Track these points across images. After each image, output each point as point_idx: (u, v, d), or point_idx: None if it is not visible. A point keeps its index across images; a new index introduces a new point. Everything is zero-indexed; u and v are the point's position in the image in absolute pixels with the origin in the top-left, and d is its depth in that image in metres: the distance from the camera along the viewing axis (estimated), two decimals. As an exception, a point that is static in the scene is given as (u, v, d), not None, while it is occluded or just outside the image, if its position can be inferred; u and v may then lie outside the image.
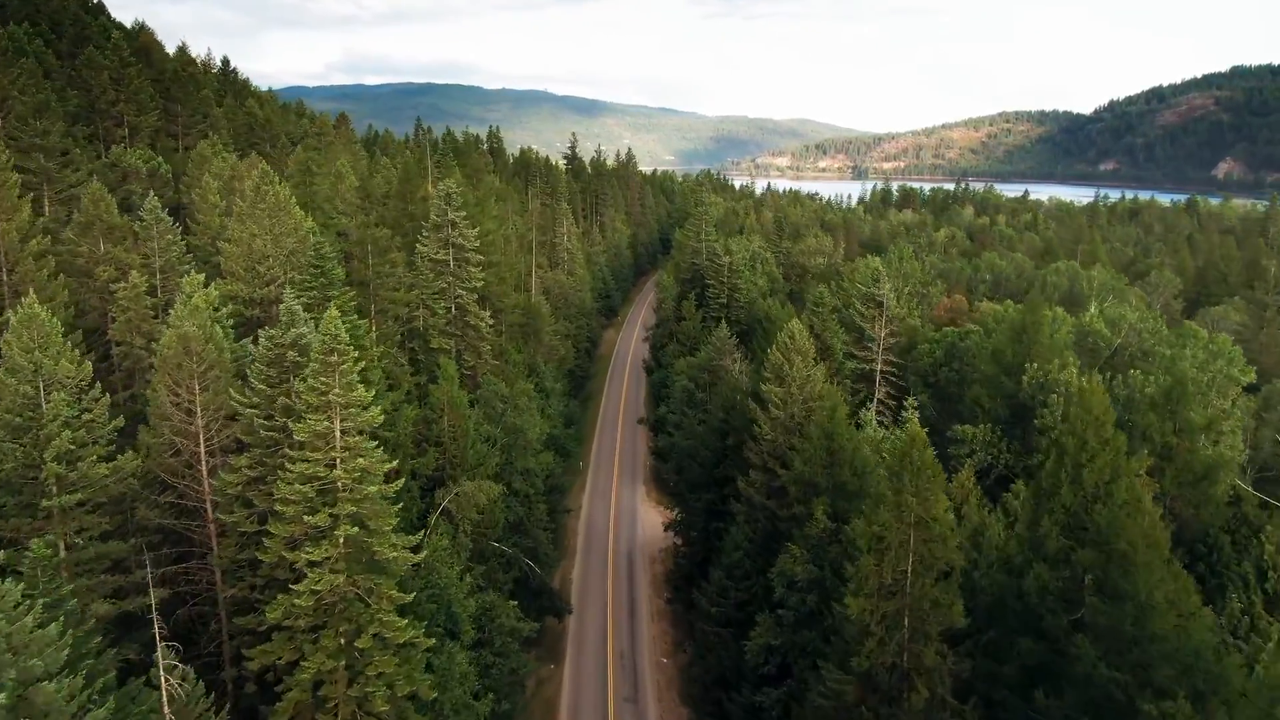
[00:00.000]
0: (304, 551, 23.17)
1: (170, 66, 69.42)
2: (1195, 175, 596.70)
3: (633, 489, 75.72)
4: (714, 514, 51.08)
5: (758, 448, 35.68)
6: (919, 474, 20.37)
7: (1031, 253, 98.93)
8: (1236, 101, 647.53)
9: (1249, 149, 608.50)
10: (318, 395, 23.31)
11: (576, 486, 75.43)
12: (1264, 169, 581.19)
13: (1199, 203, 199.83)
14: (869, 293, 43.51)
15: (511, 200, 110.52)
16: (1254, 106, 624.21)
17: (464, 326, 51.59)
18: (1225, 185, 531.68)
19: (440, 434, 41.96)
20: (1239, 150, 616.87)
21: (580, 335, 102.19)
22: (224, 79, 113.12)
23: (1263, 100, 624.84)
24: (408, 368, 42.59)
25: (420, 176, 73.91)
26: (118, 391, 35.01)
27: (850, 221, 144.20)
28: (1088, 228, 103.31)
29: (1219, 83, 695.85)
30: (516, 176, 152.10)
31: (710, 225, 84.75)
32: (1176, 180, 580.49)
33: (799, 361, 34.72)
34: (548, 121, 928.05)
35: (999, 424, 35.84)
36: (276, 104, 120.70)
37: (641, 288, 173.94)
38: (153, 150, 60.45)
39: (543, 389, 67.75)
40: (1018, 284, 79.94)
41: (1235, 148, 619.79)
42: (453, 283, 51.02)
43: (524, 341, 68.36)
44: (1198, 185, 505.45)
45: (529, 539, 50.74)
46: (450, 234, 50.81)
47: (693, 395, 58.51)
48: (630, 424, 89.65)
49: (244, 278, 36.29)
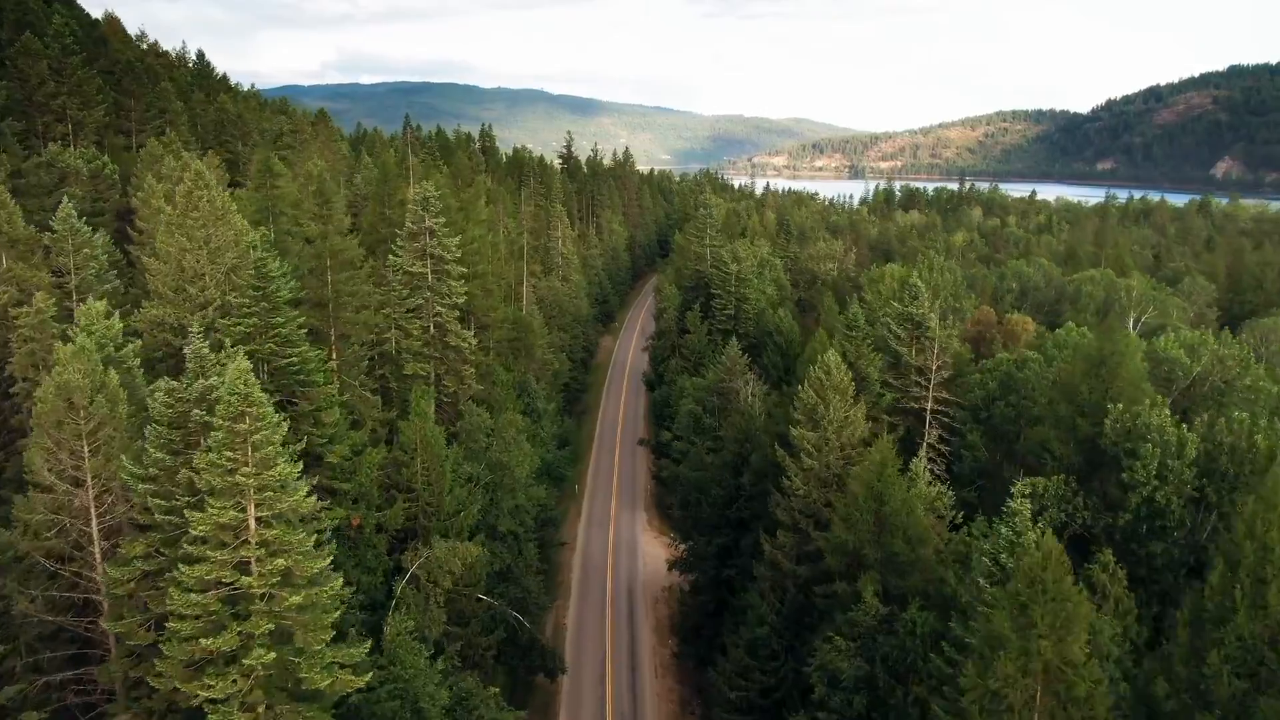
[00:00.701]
0: (204, 683, 17.23)
1: (124, 57, 63.14)
2: (1194, 175, 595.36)
3: (632, 516, 69.83)
4: (727, 558, 45.31)
5: (786, 503, 29.87)
6: (1056, 608, 14.60)
7: (1052, 258, 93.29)
8: (1234, 101, 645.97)
9: (1247, 148, 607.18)
10: (222, 475, 17.37)
11: (572, 514, 69.54)
12: (1263, 168, 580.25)
13: (1211, 203, 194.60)
14: (906, 312, 37.78)
15: (504, 202, 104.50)
16: (1252, 106, 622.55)
17: (444, 348, 45.58)
18: (1224, 185, 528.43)
19: (412, 478, 36.07)
20: (1237, 149, 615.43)
21: (575, 345, 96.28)
22: (199, 74, 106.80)
23: (1261, 99, 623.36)
24: (375, 400, 36.63)
25: (401, 178, 67.82)
26: (13, 443, 29.02)
27: (857, 223, 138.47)
28: (1111, 230, 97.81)
29: (1216, 82, 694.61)
30: (509, 177, 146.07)
31: (715, 229, 78.90)
32: (1175, 180, 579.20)
33: (836, 401, 28.93)
34: (543, 121, 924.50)
35: (1071, 473, 30.11)
36: (254, 100, 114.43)
37: (640, 291, 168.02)
38: (99, 149, 54.29)
39: (534, 411, 61.82)
40: (1046, 293, 74.23)
41: (1234, 147, 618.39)
42: (431, 298, 45.01)
43: (514, 358, 62.42)
44: (1197, 185, 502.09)
45: (517, 588, 44.83)
46: (428, 243, 44.80)
47: (700, 420, 52.65)
48: (630, 442, 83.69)
49: (173, 300, 30.33)
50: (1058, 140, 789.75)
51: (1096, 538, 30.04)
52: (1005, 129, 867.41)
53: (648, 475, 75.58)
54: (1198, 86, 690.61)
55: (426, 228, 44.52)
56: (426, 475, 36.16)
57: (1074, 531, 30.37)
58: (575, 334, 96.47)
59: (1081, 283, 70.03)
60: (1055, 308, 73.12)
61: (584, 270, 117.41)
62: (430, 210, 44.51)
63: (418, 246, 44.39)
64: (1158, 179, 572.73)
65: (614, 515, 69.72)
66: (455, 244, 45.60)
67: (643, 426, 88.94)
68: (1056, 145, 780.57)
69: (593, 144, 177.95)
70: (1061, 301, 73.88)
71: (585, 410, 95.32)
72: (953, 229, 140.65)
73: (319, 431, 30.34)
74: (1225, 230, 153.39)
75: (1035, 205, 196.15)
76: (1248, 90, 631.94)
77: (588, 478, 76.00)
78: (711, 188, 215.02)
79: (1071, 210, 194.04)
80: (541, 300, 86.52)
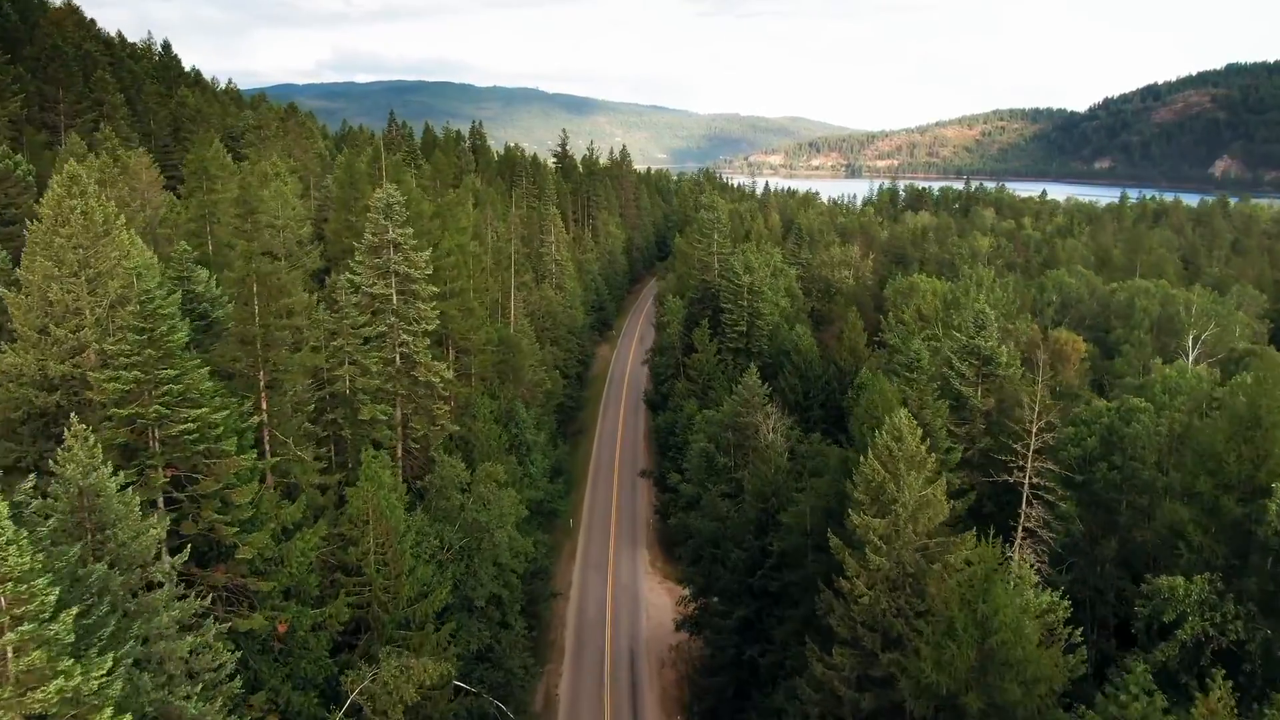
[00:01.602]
0: None
1: (50, 43, 55.32)
2: (1192, 173, 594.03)
3: (634, 557, 62.50)
4: (749, 633, 38.14)
5: (844, 610, 22.66)
6: None
7: (1082, 264, 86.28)
8: (1232, 99, 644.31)
9: (1246, 147, 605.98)
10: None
11: (565, 554, 62.23)
12: (1262, 167, 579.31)
13: (1229, 203, 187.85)
14: (973, 345, 30.64)
15: (495, 204, 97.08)
16: (1250, 104, 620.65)
17: (411, 383, 38.20)
18: (1223, 183, 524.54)
19: (362, 559, 28.77)
20: (1236, 148, 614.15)
21: (570, 359, 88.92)
22: (163, 66, 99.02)
23: (1259, 98, 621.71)
24: (313, 465, 29.21)
25: (372, 180, 60.38)
26: None
27: (867, 226, 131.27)
28: (1143, 234, 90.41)
29: (1214, 80, 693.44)
30: (500, 177, 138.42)
31: (722, 233, 71.49)
32: (1173, 178, 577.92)
33: (911, 478, 21.75)
34: (539, 120, 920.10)
35: (1215, 570, 23.05)
36: (230, 96, 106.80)
37: (638, 295, 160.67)
38: (14, 145, 46.71)
39: (522, 443, 54.50)
40: (1089, 306, 67.15)
41: (1232, 146, 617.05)
42: (395, 324, 37.62)
43: (500, 383, 55.05)
44: (1195, 184, 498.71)
45: (499, 671, 37.60)
46: (392, 258, 37.43)
47: (714, 460, 45.37)
48: (630, 469, 76.30)
49: (36, 344, 22.98)
50: (1055, 139, 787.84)
51: (1251, 655, 22.91)
52: (1002, 128, 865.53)
53: (649, 508, 68.28)
54: (1195, 85, 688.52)
55: (390, 240, 37.14)
56: (381, 555, 28.83)
57: (1220, 645, 23.19)
58: (569, 347, 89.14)
59: (1132, 295, 62.96)
60: (1099, 322, 66.06)
61: (579, 276, 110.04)
62: (395, 219, 37.12)
63: (379, 263, 37.02)
64: (1156, 178, 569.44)
65: (613, 556, 62.43)
66: (426, 258, 38.23)
67: (643, 448, 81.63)
68: (1054, 144, 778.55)
69: (589, 142, 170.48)
70: (1107, 315, 66.82)
71: (581, 430, 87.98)
72: (967, 231, 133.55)
73: (228, 517, 22.97)
74: (1249, 231, 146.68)
75: (1046, 206, 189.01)
76: (1246, 89, 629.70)
77: (583, 511, 68.69)
78: (712, 187, 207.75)
79: (1084, 211, 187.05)
80: (533, 312, 79.09)
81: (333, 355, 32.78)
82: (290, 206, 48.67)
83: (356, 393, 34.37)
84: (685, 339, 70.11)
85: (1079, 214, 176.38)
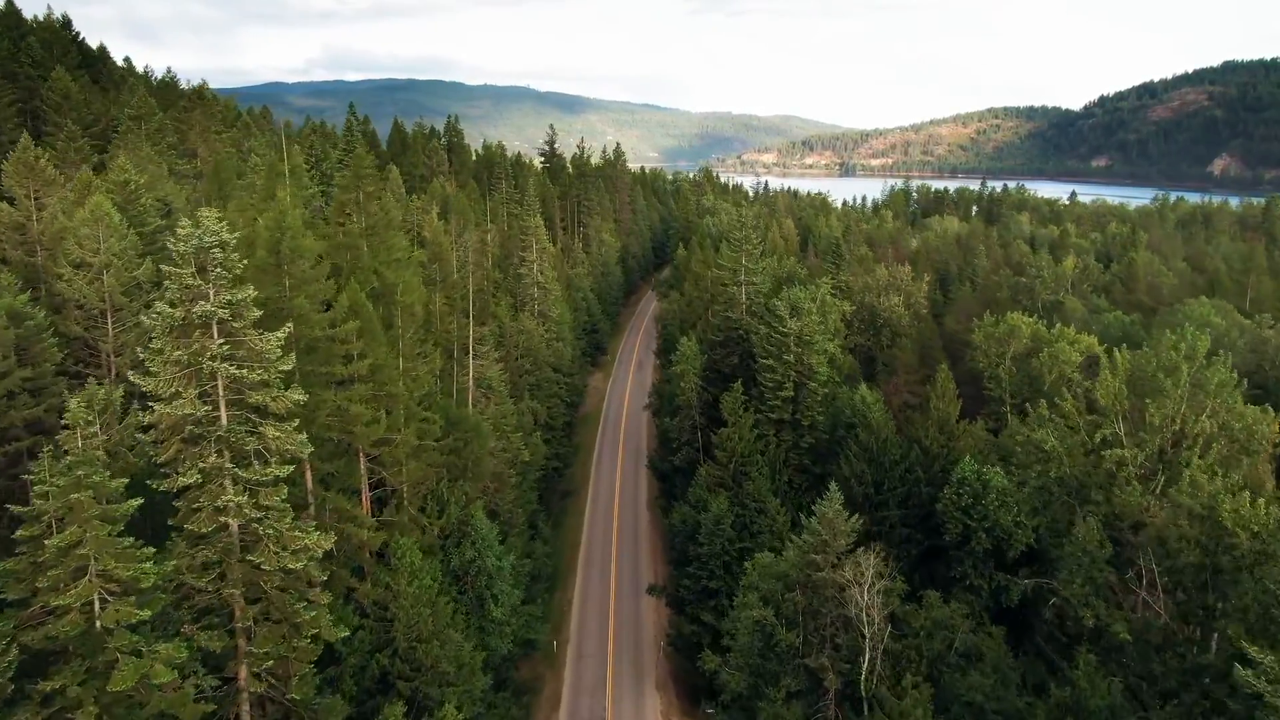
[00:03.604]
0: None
1: None
2: (1191, 172, 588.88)
3: (638, 700, 45.57)
4: None
5: None
6: None
7: (1189, 290, 70.19)
8: (1230, 97, 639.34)
9: (1245, 145, 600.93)
10: None
11: (546, 701, 45.33)
12: (1261, 165, 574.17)
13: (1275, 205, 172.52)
14: None
15: (466, 214, 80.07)
16: (1248, 102, 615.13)
17: (247, 586, 21.27)
18: (1222, 182, 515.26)
19: None
20: (1235, 146, 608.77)
21: (556, 406, 72.16)
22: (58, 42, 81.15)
23: (1257, 96, 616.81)
24: None
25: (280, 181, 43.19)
26: None
27: (897, 235, 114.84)
28: (1258, 251, 73.99)
29: (1211, 78, 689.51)
30: (477, 179, 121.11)
31: (754, 254, 54.59)
32: (1171, 177, 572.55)
33: None
34: (530, 118, 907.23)
35: None
36: (142, 83, 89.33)
37: (634, 310, 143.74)
38: None
39: (482, 572, 37.56)
40: (1243, 354, 50.65)
41: (1231, 144, 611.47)
42: (220, 466, 20.68)
43: (450, 484, 38.04)
44: (1194, 182, 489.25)
45: None
46: (214, 344, 20.52)
47: (772, 638, 28.64)
48: (630, 562, 59.24)
49: None
50: (1051, 137, 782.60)
51: None
52: (997, 125, 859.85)
53: (658, 629, 51.30)
54: (1192, 83, 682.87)
55: (208, 312, 20.22)
56: None
57: None
58: (554, 390, 72.37)
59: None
60: (1254, 376, 49.63)
61: (568, 298, 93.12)
62: (217, 275, 20.18)
63: (183, 356, 20.06)
64: (1154, 176, 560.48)
65: (611, 697, 45.50)
66: (280, 339, 21.30)
67: (647, 524, 64.76)
68: (1050, 142, 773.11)
69: (579, 140, 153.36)
70: (1261, 365, 50.59)
71: (569, 491, 71.09)
72: (1008, 240, 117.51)
73: None
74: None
75: (1085, 210, 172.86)
76: (1243, 86, 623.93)
77: (571, 625, 51.71)
78: (712, 188, 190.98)
79: (1115, 214, 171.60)
80: (507, 354, 62.06)
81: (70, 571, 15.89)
82: (120, 235, 31.67)
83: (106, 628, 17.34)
84: (703, 396, 53.32)
85: (1110, 217, 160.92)
